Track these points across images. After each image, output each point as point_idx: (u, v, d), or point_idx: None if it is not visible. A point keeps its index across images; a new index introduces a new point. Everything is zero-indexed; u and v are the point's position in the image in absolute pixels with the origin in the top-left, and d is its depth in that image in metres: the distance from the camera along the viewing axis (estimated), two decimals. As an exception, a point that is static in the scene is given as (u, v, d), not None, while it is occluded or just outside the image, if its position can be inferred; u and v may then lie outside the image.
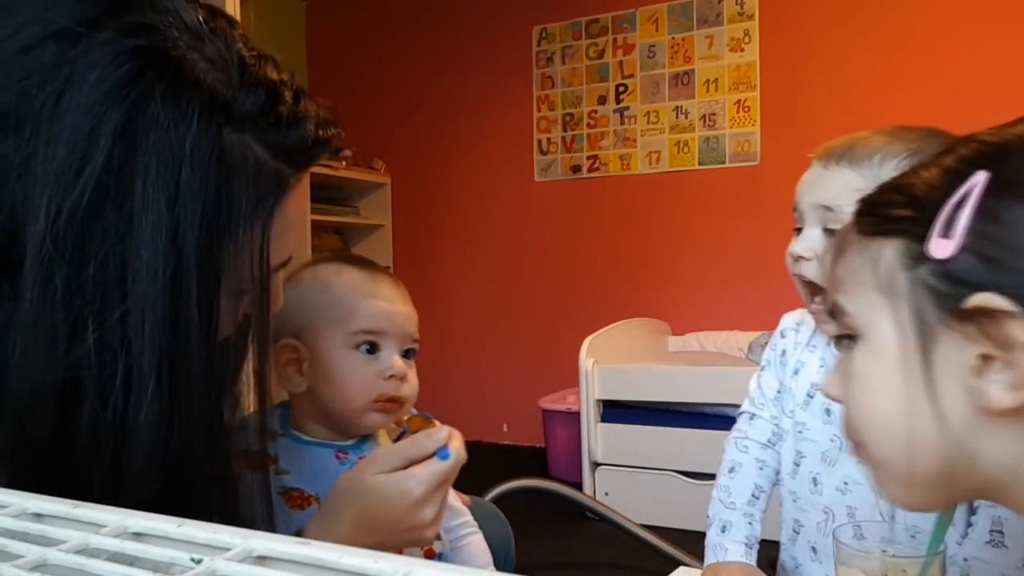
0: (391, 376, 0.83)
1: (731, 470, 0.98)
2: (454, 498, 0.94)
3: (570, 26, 3.61)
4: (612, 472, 2.72)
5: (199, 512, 0.57)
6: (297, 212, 0.63)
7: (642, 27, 3.46)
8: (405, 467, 0.67)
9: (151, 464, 0.52)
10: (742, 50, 3.27)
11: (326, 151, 0.63)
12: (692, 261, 3.37)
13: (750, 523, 0.93)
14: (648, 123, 3.46)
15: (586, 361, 2.69)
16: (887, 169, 0.79)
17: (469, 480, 0.98)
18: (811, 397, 0.93)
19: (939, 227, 0.46)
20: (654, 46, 3.44)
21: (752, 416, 1.00)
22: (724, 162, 3.31)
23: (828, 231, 0.85)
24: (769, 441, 0.98)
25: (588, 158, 3.59)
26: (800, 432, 0.93)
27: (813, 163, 0.88)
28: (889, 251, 0.50)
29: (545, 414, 3.16)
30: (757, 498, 0.95)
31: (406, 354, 0.87)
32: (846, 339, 0.54)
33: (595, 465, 2.74)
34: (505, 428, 3.75)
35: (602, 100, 3.55)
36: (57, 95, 0.50)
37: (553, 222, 3.66)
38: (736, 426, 1.02)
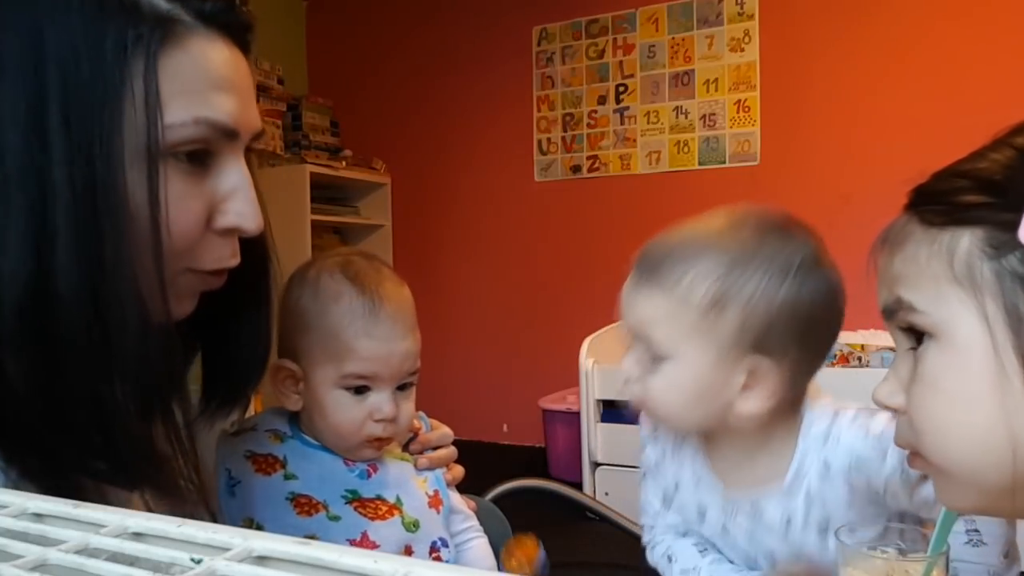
0: (379, 419, 0.81)
1: (669, 559, 0.87)
2: (460, 502, 0.93)
3: (570, 26, 3.60)
4: (612, 472, 2.71)
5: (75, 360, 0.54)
6: (218, 70, 0.60)
7: (642, 27, 3.46)
8: None
9: (24, 251, 0.53)
10: (742, 50, 3.26)
11: (226, 7, 0.61)
12: (692, 261, 3.36)
13: (720, 561, 0.84)
14: (648, 123, 3.46)
15: (586, 361, 2.69)
16: (697, 293, 0.72)
17: (469, 480, 0.98)
18: (702, 515, 0.84)
19: None
20: (654, 46, 3.44)
21: (652, 527, 0.91)
22: (724, 162, 3.31)
23: (647, 355, 0.75)
24: (679, 532, 0.88)
25: (588, 158, 3.59)
26: (710, 546, 0.85)
27: (633, 268, 0.80)
28: (966, 241, 0.46)
29: (545, 414, 3.16)
30: (707, 549, 0.85)
31: (401, 387, 0.83)
32: (905, 335, 0.50)
33: (595, 465, 2.74)
34: (505, 428, 3.75)
35: (602, 100, 3.55)
36: None
37: (553, 222, 3.66)
38: (644, 539, 0.92)
